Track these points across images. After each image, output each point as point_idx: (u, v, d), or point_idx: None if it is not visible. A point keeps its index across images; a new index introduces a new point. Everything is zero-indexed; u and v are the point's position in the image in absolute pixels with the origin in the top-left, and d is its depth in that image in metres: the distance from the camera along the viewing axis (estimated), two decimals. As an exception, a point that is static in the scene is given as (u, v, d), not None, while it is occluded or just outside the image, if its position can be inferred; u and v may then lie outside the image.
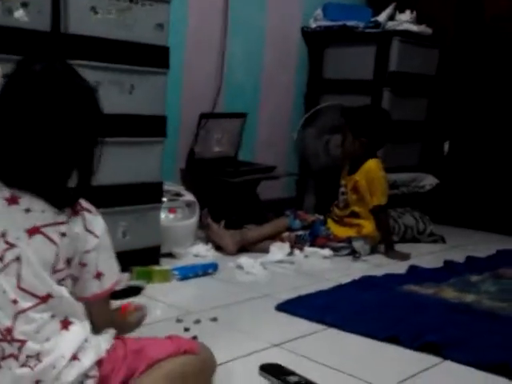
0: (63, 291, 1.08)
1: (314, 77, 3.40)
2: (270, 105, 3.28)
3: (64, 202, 1.09)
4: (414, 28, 3.22)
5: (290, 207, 2.92)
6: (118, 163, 2.03)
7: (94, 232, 1.12)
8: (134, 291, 1.94)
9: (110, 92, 1.97)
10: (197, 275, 2.16)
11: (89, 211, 1.13)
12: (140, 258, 2.16)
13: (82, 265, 1.12)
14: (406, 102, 3.21)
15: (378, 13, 3.30)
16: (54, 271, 1.07)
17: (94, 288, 1.14)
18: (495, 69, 3.26)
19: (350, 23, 3.24)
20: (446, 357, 1.58)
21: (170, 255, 2.36)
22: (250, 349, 1.57)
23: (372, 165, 2.63)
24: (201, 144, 2.90)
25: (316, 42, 3.36)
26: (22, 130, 1.04)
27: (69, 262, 1.09)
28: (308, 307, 1.88)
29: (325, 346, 1.65)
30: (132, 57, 2.04)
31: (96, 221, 1.13)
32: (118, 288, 1.87)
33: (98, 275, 1.13)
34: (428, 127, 3.38)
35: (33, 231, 1.05)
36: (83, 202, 1.13)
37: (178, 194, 2.46)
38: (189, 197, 2.49)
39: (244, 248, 2.55)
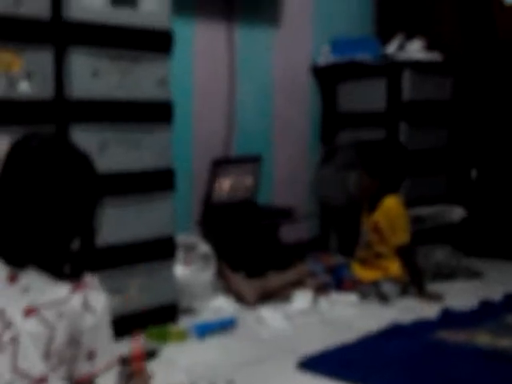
0: (56, 374, 1.04)
1: (328, 112, 3.35)
2: (285, 145, 3.23)
3: (66, 275, 1.08)
4: (425, 56, 3.15)
5: (314, 248, 2.83)
6: (127, 221, 2.02)
7: (93, 310, 1.09)
8: (149, 355, 1.87)
9: (116, 150, 1.99)
10: (214, 332, 2.08)
11: (91, 288, 1.10)
12: (157, 317, 2.11)
13: (76, 343, 1.07)
14: (425, 132, 3.11)
15: (386, 42, 3.25)
16: (49, 353, 1.04)
17: (84, 369, 1.09)
18: (510, 91, 3.14)
19: (358, 57, 3.20)
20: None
21: (189, 310, 2.29)
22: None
23: (391, 203, 2.53)
24: (216, 191, 2.85)
25: (327, 77, 3.32)
26: (19, 207, 1.05)
27: (65, 344, 1.06)
28: (332, 364, 1.78)
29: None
30: (136, 114, 2.06)
31: (97, 298, 1.10)
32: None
33: (91, 355, 1.09)
34: (451, 155, 3.27)
35: (29, 312, 1.04)
36: (87, 278, 1.10)
37: (193, 246, 2.41)
38: (204, 248, 2.43)
39: (266, 297, 2.46)
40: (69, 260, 1.10)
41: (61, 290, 1.06)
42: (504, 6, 3.13)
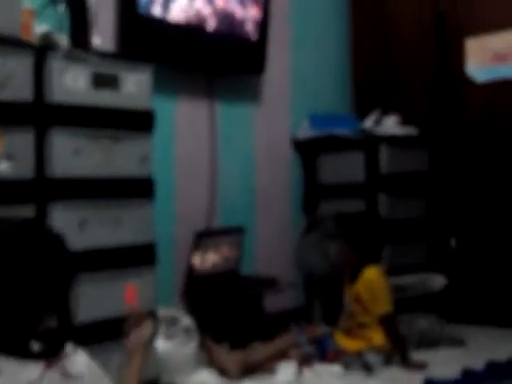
0: None
1: (309, 184, 3.45)
2: (268, 217, 3.30)
3: (37, 354, 1.07)
4: (400, 131, 3.30)
5: (299, 318, 2.82)
6: (108, 296, 2.03)
7: (78, 375, 1.08)
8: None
9: (97, 227, 2.02)
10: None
11: (69, 356, 1.09)
12: (138, 393, 2.07)
13: None
14: (403, 202, 3.21)
15: (363, 117, 3.41)
16: None
17: None
18: (483, 161, 3.28)
19: (337, 132, 3.34)
20: None
21: (171, 385, 2.25)
22: None
23: (371, 274, 2.57)
24: (199, 263, 2.88)
25: (308, 150, 3.44)
26: None
27: None
28: None
29: None
30: (117, 191, 2.10)
31: (79, 362, 1.10)
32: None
33: None
34: (430, 225, 3.35)
35: None
36: (61, 351, 1.10)
37: (175, 320, 2.40)
38: (186, 321, 2.42)
39: (249, 369, 2.43)
40: (39, 338, 1.08)
41: (33, 369, 1.05)
42: (472, 88, 3.32)
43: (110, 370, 1.95)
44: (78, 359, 1.11)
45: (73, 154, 1.97)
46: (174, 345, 2.34)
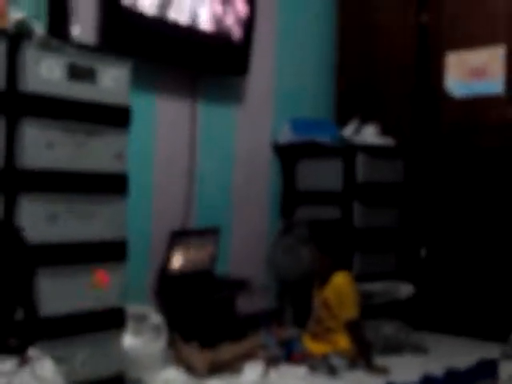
0: None
1: (287, 189, 3.49)
2: (244, 218, 3.33)
3: (11, 349, 1.10)
4: (378, 141, 3.36)
5: (269, 320, 2.86)
6: (76, 291, 2.03)
7: (43, 379, 1.12)
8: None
9: (68, 222, 2.01)
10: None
11: (37, 359, 1.13)
12: (104, 388, 2.09)
13: None
14: (377, 211, 3.26)
15: (343, 124, 3.46)
16: None
17: None
18: (457, 174, 3.35)
19: (318, 138, 3.38)
20: None
21: (137, 381, 2.28)
22: None
23: (340, 279, 2.63)
24: (173, 262, 2.90)
25: (288, 155, 3.49)
26: None
27: None
28: None
29: None
30: (90, 186, 2.09)
31: (44, 367, 1.13)
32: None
33: None
34: (402, 234, 3.41)
35: None
36: (31, 351, 1.13)
37: (144, 317, 2.43)
38: (156, 319, 2.45)
39: (217, 368, 2.47)
40: (13, 334, 1.12)
41: (7, 363, 1.08)
42: (450, 102, 3.39)
43: (74, 366, 2.00)
44: (46, 365, 1.14)
45: (45, 147, 1.94)
46: (141, 341, 2.36)
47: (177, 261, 2.91)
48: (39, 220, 1.95)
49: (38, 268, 1.18)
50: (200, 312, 2.84)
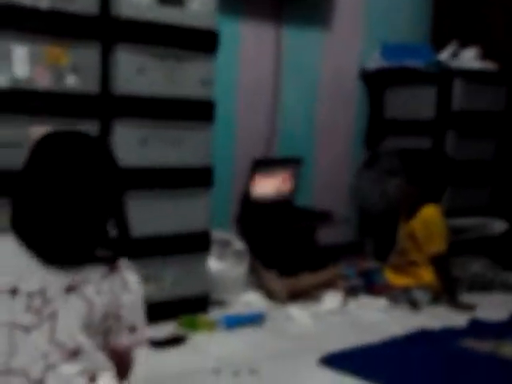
0: (93, 347, 1.12)
1: (374, 118, 3.34)
2: (327, 149, 3.25)
3: (101, 259, 1.16)
4: (479, 65, 3.08)
5: (350, 252, 2.83)
6: (165, 214, 2.09)
7: (129, 289, 1.17)
8: (178, 340, 1.95)
9: (156, 146, 2.05)
10: (243, 325, 2.14)
11: (126, 270, 1.18)
12: (188, 307, 2.19)
13: (117, 318, 1.16)
14: (473, 143, 3.06)
15: (440, 49, 3.21)
16: (88, 327, 1.12)
17: (128, 340, 1.18)
18: None
19: (409, 63, 3.17)
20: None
21: (220, 303, 2.36)
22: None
23: (429, 212, 2.52)
24: (255, 190, 2.91)
25: (376, 82, 3.31)
26: (50, 201, 1.11)
27: (103, 317, 1.14)
28: (354, 362, 1.80)
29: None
30: (179, 112, 2.11)
31: (132, 279, 1.19)
32: (162, 337, 1.91)
33: (132, 329, 1.18)
34: (498, 168, 3.19)
35: (70, 289, 1.12)
36: (121, 261, 1.18)
37: (228, 242, 2.48)
38: (238, 245, 2.49)
39: (296, 295, 2.50)
40: (105, 246, 1.17)
41: (98, 270, 1.14)
42: None
43: (162, 286, 2.09)
44: (131, 277, 1.19)
45: (137, 72, 1.97)
46: (225, 265, 2.42)
47: (259, 189, 2.92)
48: (131, 144, 2.00)
49: (128, 189, 1.20)
50: (280, 241, 2.86)
